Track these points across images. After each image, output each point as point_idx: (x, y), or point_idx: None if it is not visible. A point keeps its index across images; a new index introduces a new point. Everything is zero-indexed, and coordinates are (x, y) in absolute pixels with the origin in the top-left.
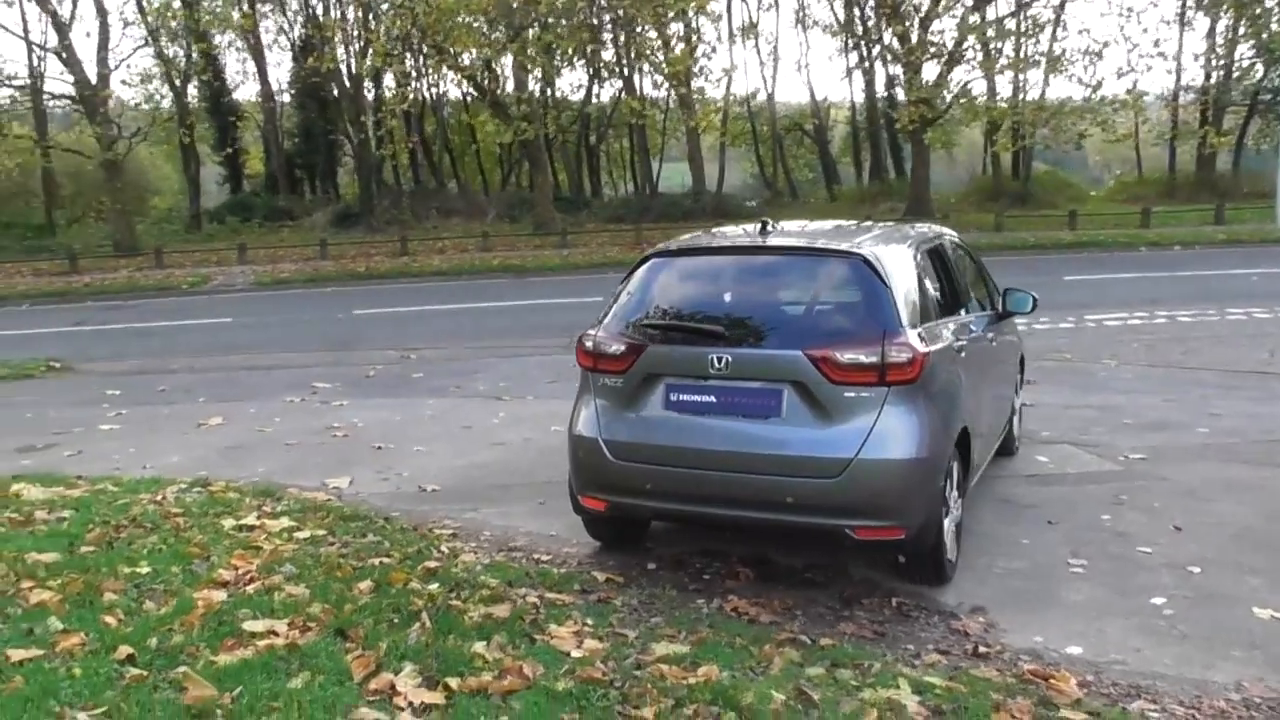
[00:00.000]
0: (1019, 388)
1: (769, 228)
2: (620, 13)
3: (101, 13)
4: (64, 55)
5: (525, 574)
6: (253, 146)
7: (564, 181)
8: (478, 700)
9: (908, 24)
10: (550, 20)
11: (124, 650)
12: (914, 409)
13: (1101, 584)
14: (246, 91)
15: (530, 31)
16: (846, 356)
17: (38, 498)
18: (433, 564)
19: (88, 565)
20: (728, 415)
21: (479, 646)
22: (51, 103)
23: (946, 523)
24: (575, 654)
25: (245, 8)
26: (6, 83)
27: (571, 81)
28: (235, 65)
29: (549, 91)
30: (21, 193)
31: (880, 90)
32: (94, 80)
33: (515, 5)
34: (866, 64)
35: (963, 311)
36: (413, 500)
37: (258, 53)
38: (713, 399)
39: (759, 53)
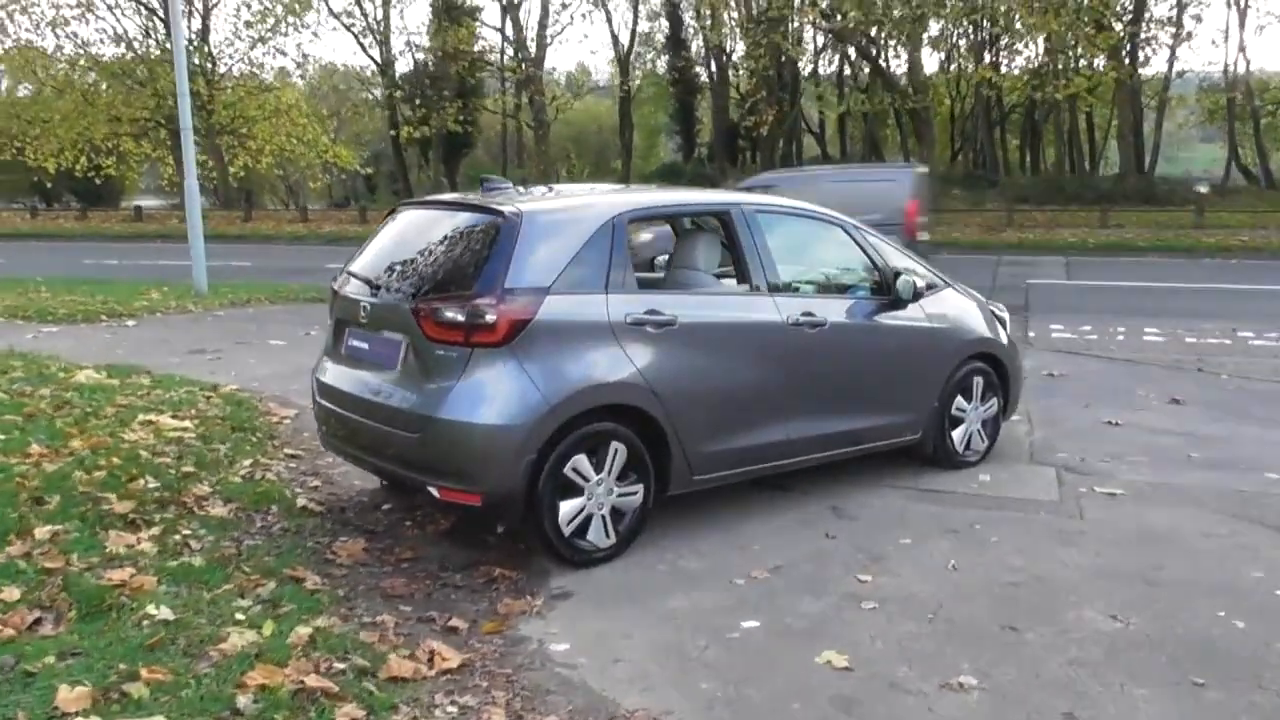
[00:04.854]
0: (972, 392)
1: (491, 186)
2: None
3: None
4: (508, 35)
5: (247, 489)
6: (708, 117)
7: (1012, 159)
8: None
9: None
10: None
11: None
12: (500, 374)
13: (731, 599)
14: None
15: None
16: (442, 314)
17: (79, 381)
18: (190, 469)
19: None
20: (369, 363)
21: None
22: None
23: (573, 503)
24: (111, 549)
25: None
26: (480, 59)
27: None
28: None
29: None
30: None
31: None
32: (532, 53)
33: None
34: None
35: (753, 286)
36: None
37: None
38: (365, 346)
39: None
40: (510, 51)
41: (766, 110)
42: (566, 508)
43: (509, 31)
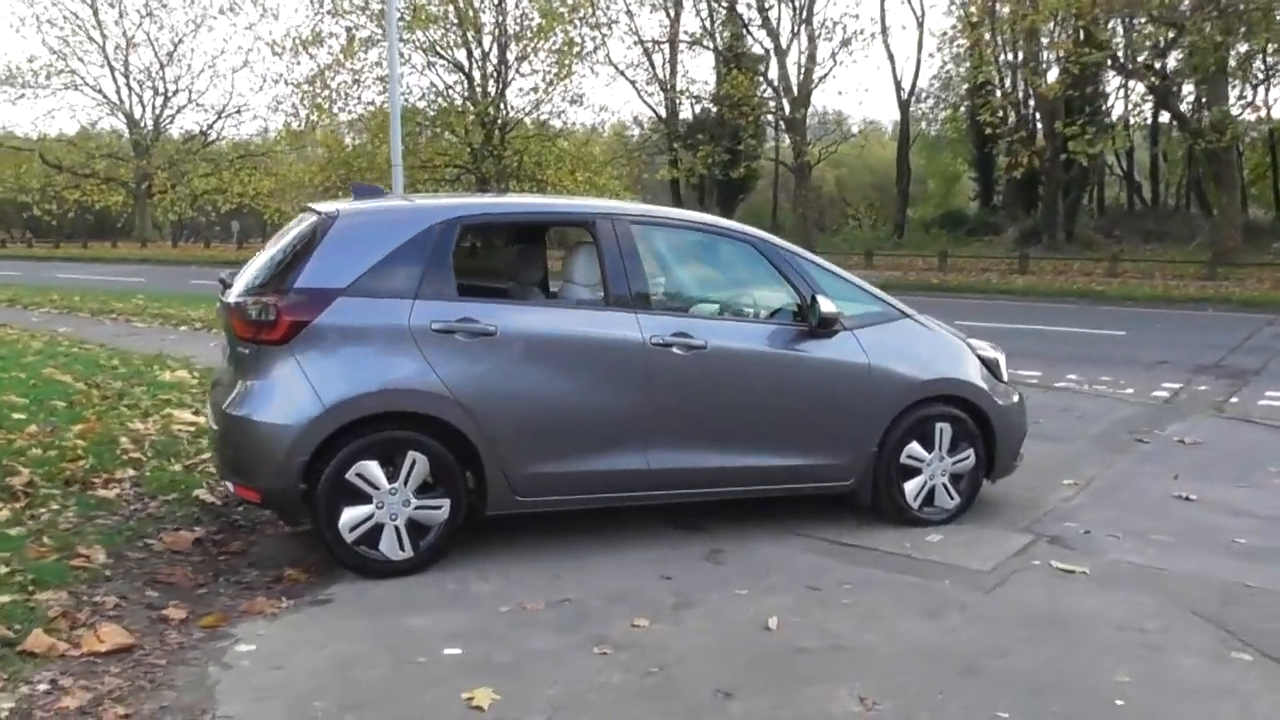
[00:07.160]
0: (934, 440)
1: (361, 191)
2: None
3: (811, 42)
4: (771, 78)
5: (165, 479)
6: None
7: None
8: None
9: None
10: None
11: None
12: (280, 373)
13: (472, 626)
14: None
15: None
16: (245, 311)
17: (163, 379)
18: (141, 456)
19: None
20: (222, 363)
21: None
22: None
23: (359, 510)
24: None
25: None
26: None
27: None
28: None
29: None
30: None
31: None
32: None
33: None
34: None
35: (612, 301)
36: None
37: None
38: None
39: None
40: (779, 96)
41: (1023, 152)
42: (350, 514)
43: (774, 75)
